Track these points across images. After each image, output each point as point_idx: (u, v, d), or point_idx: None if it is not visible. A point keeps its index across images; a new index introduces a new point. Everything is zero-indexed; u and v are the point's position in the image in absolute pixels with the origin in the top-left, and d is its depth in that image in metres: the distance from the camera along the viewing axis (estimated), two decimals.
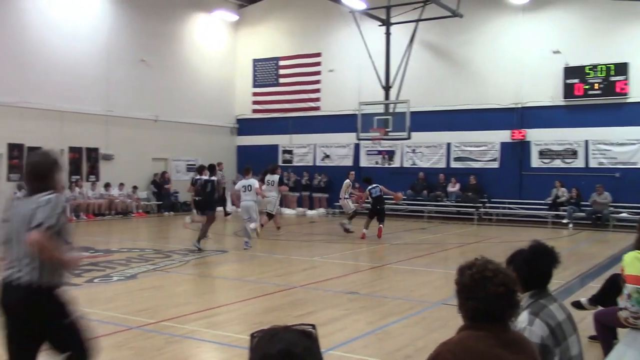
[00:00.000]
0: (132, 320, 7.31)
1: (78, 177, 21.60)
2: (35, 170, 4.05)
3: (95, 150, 22.40)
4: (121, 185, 22.42)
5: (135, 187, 22.89)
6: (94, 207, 21.35)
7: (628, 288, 5.12)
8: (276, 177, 16.94)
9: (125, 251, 13.30)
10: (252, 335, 1.76)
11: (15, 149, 19.82)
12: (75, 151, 21.70)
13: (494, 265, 2.59)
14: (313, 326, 1.75)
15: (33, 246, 3.75)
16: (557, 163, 21.37)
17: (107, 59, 22.57)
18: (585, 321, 6.24)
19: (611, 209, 19.63)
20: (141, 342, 6.52)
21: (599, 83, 20.50)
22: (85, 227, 18.94)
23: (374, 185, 16.70)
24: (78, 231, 17.83)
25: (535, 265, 3.41)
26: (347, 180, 17.85)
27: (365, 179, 17.44)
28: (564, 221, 19.66)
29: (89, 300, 8.52)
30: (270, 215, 16.57)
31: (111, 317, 7.46)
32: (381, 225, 16.09)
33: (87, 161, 22.11)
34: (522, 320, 3.22)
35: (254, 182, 14.57)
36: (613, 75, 20.28)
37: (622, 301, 5.26)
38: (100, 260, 11.99)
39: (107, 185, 22.07)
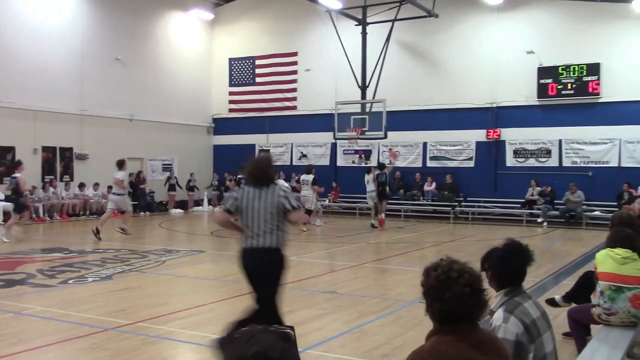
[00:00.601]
0: (107, 321, 7.24)
1: (52, 177, 21.33)
2: (259, 165, 5.63)
3: (70, 149, 22.14)
4: (96, 185, 22.18)
5: (110, 187, 22.60)
6: (68, 208, 21.10)
7: (601, 285, 5.20)
8: (310, 177, 18.72)
9: (100, 252, 13.17)
10: (221, 339, 1.76)
11: None
12: (48, 151, 21.43)
13: (459, 266, 2.58)
14: (291, 328, 1.74)
15: (296, 222, 5.66)
16: (532, 162, 21.64)
17: (82, 57, 22.32)
18: (559, 318, 6.33)
19: (584, 207, 19.95)
20: (117, 343, 6.46)
21: (572, 83, 20.80)
22: (60, 228, 18.72)
23: (382, 171, 18.75)
24: (52, 232, 17.64)
25: (510, 263, 3.45)
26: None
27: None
28: (539, 220, 19.91)
29: (64, 301, 8.43)
30: (309, 212, 18.11)
31: (86, 319, 7.38)
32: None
33: (60, 161, 21.84)
34: (497, 317, 3.25)
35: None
36: (585, 76, 20.60)
37: (595, 298, 5.34)
38: (75, 261, 11.86)
39: (81, 186, 21.82)
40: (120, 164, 15.86)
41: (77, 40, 22.23)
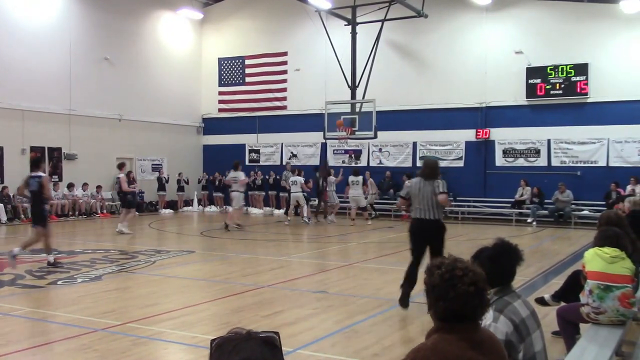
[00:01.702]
0: (97, 322, 7.21)
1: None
2: (429, 165, 8.28)
3: (58, 150, 22.01)
4: (85, 185, 22.07)
5: (99, 187, 22.54)
6: (57, 208, 20.97)
7: (589, 284, 5.23)
8: (360, 178, 20.34)
9: (89, 252, 13.10)
10: (212, 342, 1.69)
11: None
12: (37, 151, 21.27)
13: (463, 264, 2.56)
14: (277, 334, 1.71)
15: (444, 201, 8.00)
16: (521, 162, 21.74)
17: (70, 57, 22.19)
18: (549, 317, 6.37)
19: (573, 206, 20.07)
20: (107, 344, 6.43)
21: (561, 83, 20.92)
22: (54, 228, 18.55)
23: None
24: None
25: (500, 263, 3.45)
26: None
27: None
28: (528, 220, 20.01)
29: (53, 302, 8.39)
30: (363, 209, 20.23)
31: (75, 320, 7.34)
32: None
33: (49, 161, 21.70)
34: (487, 317, 3.26)
35: (300, 179, 20.06)
36: (574, 76, 20.72)
37: (583, 297, 5.37)
38: (64, 261, 11.79)
39: (70, 186, 21.69)
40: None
41: (65, 40, 22.10)
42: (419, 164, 23.16)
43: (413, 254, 8.01)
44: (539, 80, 21.22)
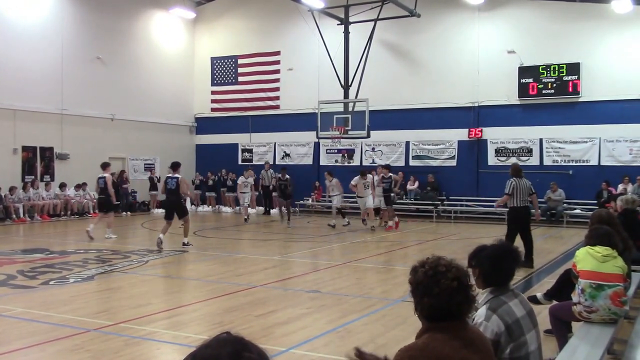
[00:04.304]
0: (89, 322, 7.18)
1: (32, 177, 21.11)
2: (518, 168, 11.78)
3: (50, 149, 21.92)
4: (77, 186, 21.97)
5: (83, 184, 22.04)
6: (49, 208, 20.89)
7: (581, 283, 5.25)
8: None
9: (82, 252, 13.05)
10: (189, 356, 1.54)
11: None
12: (28, 150, 21.20)
13: (446, 261, 2.61)
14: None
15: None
16: (513, 161, 21.77)
17: (62, 56, 22.11)
18: (541, 315, 6.37)
19: (565, 205, 20.15)
20: (99, 344, 6.41)
21: (552, 82, 21.00)
22: (40, 228, 18.53)
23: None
24: (33, 232, 17.45)
25: (499, 264, 3.45)
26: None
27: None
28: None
29: (45, 302, 8.35)
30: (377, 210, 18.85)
31: (68, 320, 7.31)
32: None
33: (41, 161, 21.62)
34: (480, 315, 3.27)
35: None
36: (566, 75, 20.80)
37: (575, 296, 5.39)
38: (56, 261, 11.74)
39: (62, 186, 21.60)
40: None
41: (58, 39, 22.01)
42: (412, 163, 23.26)
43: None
44: (531, 80, 21.29)
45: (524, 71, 21.34)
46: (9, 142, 20.51)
